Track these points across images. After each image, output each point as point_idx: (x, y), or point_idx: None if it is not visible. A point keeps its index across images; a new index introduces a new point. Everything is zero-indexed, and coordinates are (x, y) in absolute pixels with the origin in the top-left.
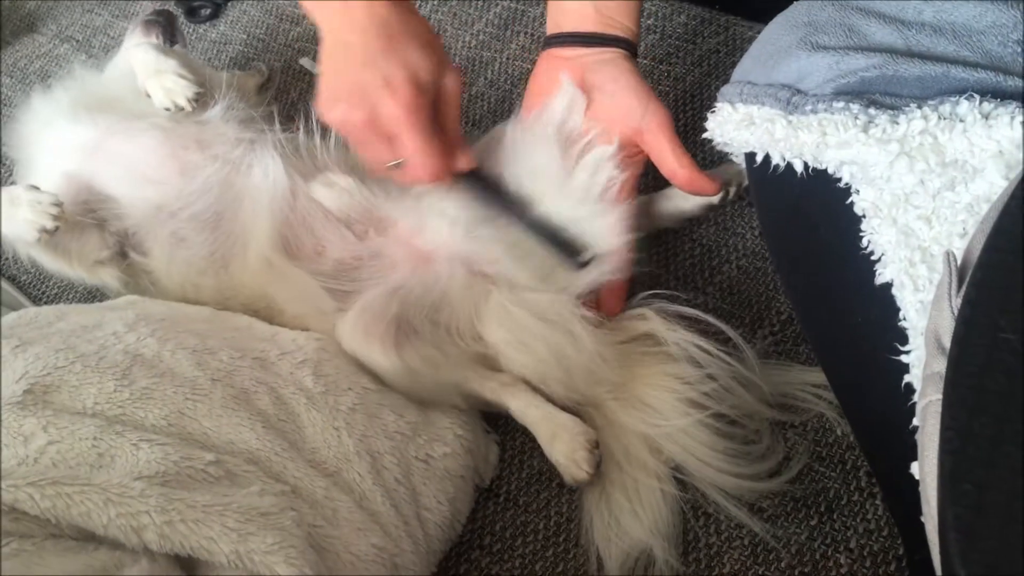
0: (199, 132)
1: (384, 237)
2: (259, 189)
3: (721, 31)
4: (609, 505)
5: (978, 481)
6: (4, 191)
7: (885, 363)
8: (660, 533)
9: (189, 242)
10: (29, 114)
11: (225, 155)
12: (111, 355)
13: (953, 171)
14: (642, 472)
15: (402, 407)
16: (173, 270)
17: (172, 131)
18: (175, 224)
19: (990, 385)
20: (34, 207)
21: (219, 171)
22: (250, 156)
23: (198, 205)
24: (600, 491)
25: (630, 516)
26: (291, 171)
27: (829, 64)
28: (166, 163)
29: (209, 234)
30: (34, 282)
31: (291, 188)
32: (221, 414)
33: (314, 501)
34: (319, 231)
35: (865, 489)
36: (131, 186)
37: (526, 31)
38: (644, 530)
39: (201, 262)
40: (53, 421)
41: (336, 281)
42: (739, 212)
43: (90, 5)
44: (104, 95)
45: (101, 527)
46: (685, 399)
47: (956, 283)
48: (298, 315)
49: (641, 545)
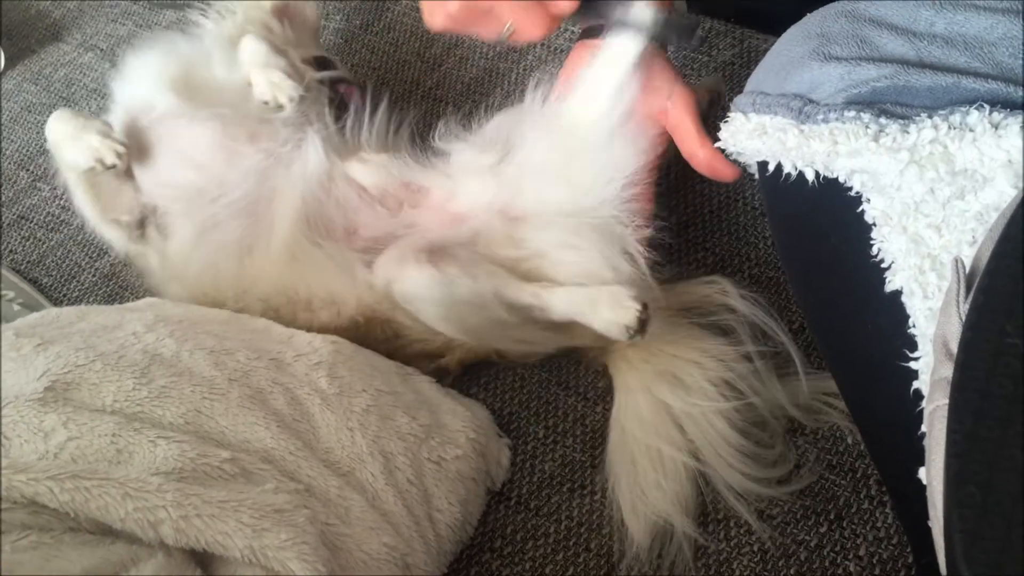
0: (255, 127)
1: (418, 208)
2: (295, 179)
3: (736, 43)
4: (636, 473)
5: (983, 483)
6: (83, 118)
7: (895, 369)
8: (681, 506)
9: (222, 227)
10: (141, 59)
11: (273, 149)
12: (130, 354)
13: (963, 180)
14: (667, 443)
15: (415, 409)
16: (196, 255)
17: (230, 122)
18: (214, 208)
19: (995, 389)
20: (103, 139)
21: (263, 162)
22: (295, 152)
23: (237, 192)
24: (628, 456)
25: (655, 487)
26: (331, 155)
27: (841, 74)
28: (215, 152)
29: (243, 220)
30: (55, 285)
31: (328, 172)
32: (237, 413)
33: (327, 500)
34: (352, 211)
35: (875, 497)
36: (178, 167)
37: (543, 42)
38: (667, 502)
39: (229, 247)
40: (73, 417)
41: (368, 256)
42: (752, 221)
43: (115, 15)
44: (199, 74)
45: (118, 521)
46: (717, 379)
47: (964, 290)
48: (329, 294)
49: (664, 516)
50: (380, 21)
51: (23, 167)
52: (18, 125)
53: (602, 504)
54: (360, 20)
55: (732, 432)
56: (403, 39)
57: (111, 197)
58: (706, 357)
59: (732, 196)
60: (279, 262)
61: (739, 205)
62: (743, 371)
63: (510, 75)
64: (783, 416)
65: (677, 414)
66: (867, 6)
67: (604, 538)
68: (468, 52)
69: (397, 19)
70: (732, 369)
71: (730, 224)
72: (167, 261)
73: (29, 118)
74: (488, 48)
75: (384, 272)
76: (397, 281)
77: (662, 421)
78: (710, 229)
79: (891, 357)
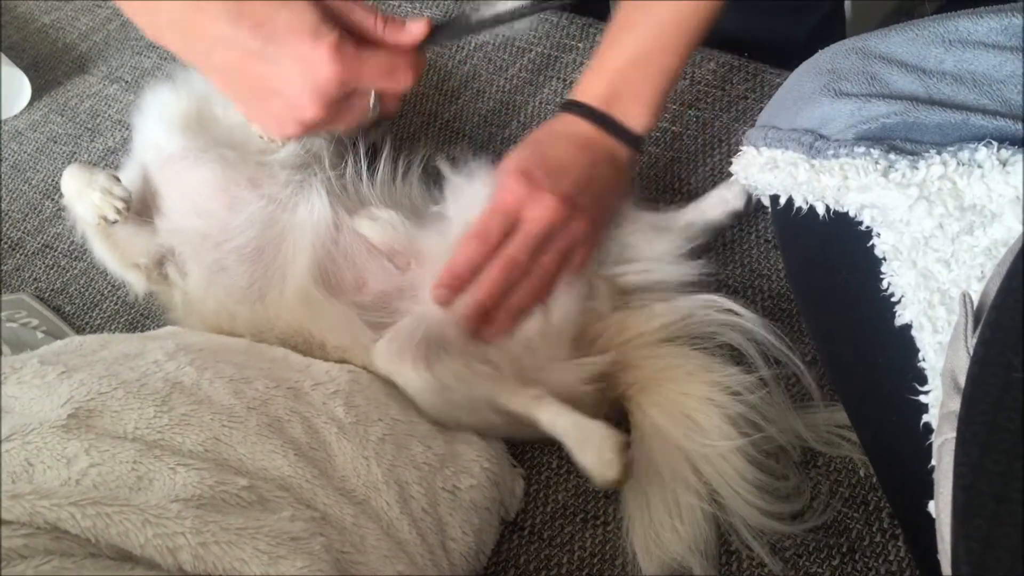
0: (255, 171)
1: (424, 268)
2: (303, 226)
3: (750, 77)
4: (650, 517)
5: (990, 516)
6: (89, 171)
7: (905, 403)
8: (699, 551)
9: (230, 272)
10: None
11: (274, 195)
12: (152, 382)
13: (971, 215)
14: (683, 488)
15: (430, 439)
16: (210, 296)
17: (230, 166)
18: (218, 254)
19: (1003, 422)
20: (105, 195)
21: (265, 208)
22: (298, 196)
23: (241, 239)
24: (643, 501)
25: (670, 531)
26: (336, 206)
27: (851, 110)
28: (216, 196)
29: (249, 266)
30: (79, 313)
31: (335, 223)
32: (255, 441)
33: (343, 528)
34: (361, 264)
35: (887, 530)
36: (182, 210)
37: (559, 76)
38: (683, 546)
39: (239, 292)
40: (95, 444)
41: (377, 313)
42: (765, 254)
43: (139, 47)
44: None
45: (138, 547)
46: (732, 415)
47: (972, 324)
48: (339, 346)
49: (680, 560)
50: None
51: (48, 196)
52: (44, 155)
53: (615, 535)
54: None
55: (748, 467)
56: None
57: (127, 242)
58: (718, 392)
59: (745, 229)
60: (293, 309)
61: (752, 238)
62: (756, 401)
63: (526, 108)
64: (798, 445)
65: (692, 456)
66: (877, 43)
67: (617, 569)
68: (485, 85)
69: None
70: (745, 401)
71: (743, 256)
72: (187, 298)
73: (55, 148)
74: (505, 81)
75: (383, 363)
76: (395, 376)
77: (677, 466)
78: (723, 261)
79: (901, 390)
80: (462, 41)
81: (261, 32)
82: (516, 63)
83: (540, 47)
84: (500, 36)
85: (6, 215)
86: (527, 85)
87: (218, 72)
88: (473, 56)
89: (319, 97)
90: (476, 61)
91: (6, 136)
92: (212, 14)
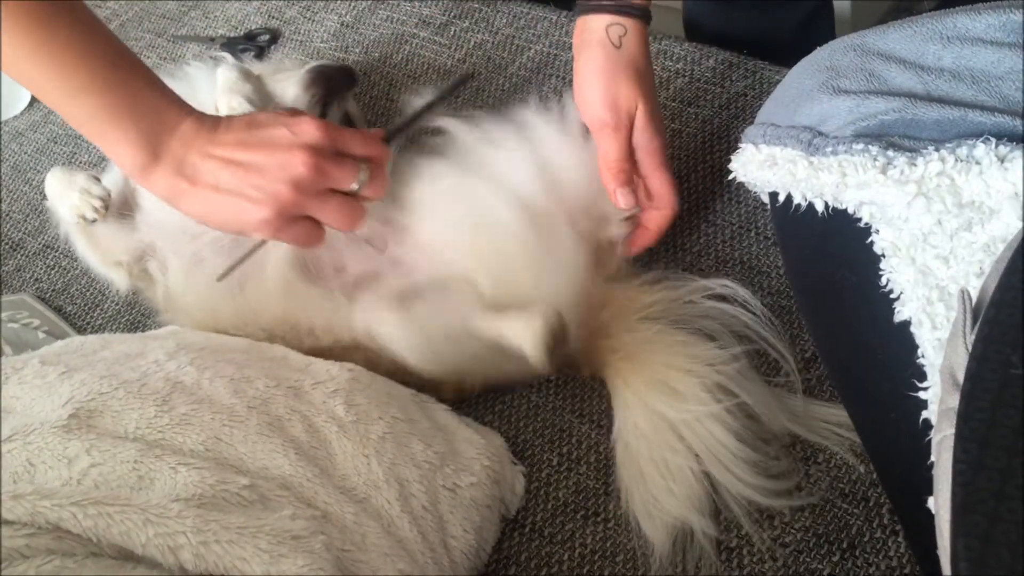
0: None
1: (402, 246)
2: None
3: (749, 75)
4: (645, 482)
5: (988, 512)
6: (70, 173)
7: (904, 399)
8: (696, 508)
9: (208, 263)
10: None
11: None
12: (152, 382)
13: (970, 212)
14: (670, 451)
15: (430, 437)
16: (190, 289)
17: None
18: (196, 246)
19: (1001, 419)
20: (83, 195)
21: None
22: None
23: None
24: (636, 470)
25: (666, 493)
26: None
27: (850, 107)
28: None
29: (227, 257)
30: (80, 312)
31: None
32: (256, 440)
33: (344, 526)
34: (339, 249)
35: (888, 526)
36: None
37: (558, 74)
38: (681, 506)
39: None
40: (96, 444)
41: (359, 292)
42: (764, 251)
43: (139, 48)
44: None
45: (140, 546)
46: (709, 384)
47: (971, 321)
48: (325, 327)
49: (681, 520)
50: (398, 54)
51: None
52: (44, 156)
53: (616, 531)
54: (379, 53)
55: (729, 436)
56: (421, 71)
57: (109, 240)
58: (696, 363)
59: (745, 226)
60: (275, 298)
61: (752, 235)
62: (732, 372)
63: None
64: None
65: (674, 422)
66: (876, 40)
67: (618, 566)
68: (484, 83)
69: (415, 52)
70: (722, 372)
71: (743, 253)
72: (169, 293)
73: (55, 149)
74: (504, 80)
75: (362, 322)
76: (373, 328)
77: (662, 431)
78: (723, 259)
79: (900, 387)
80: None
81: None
82: (515, 61)
83: (539, 45)
84: (500, 35)
85: (7, 216)
86: (526, 83)
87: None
88: (472, 55)
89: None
90: (475, 60)
91: (6, 137)
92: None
